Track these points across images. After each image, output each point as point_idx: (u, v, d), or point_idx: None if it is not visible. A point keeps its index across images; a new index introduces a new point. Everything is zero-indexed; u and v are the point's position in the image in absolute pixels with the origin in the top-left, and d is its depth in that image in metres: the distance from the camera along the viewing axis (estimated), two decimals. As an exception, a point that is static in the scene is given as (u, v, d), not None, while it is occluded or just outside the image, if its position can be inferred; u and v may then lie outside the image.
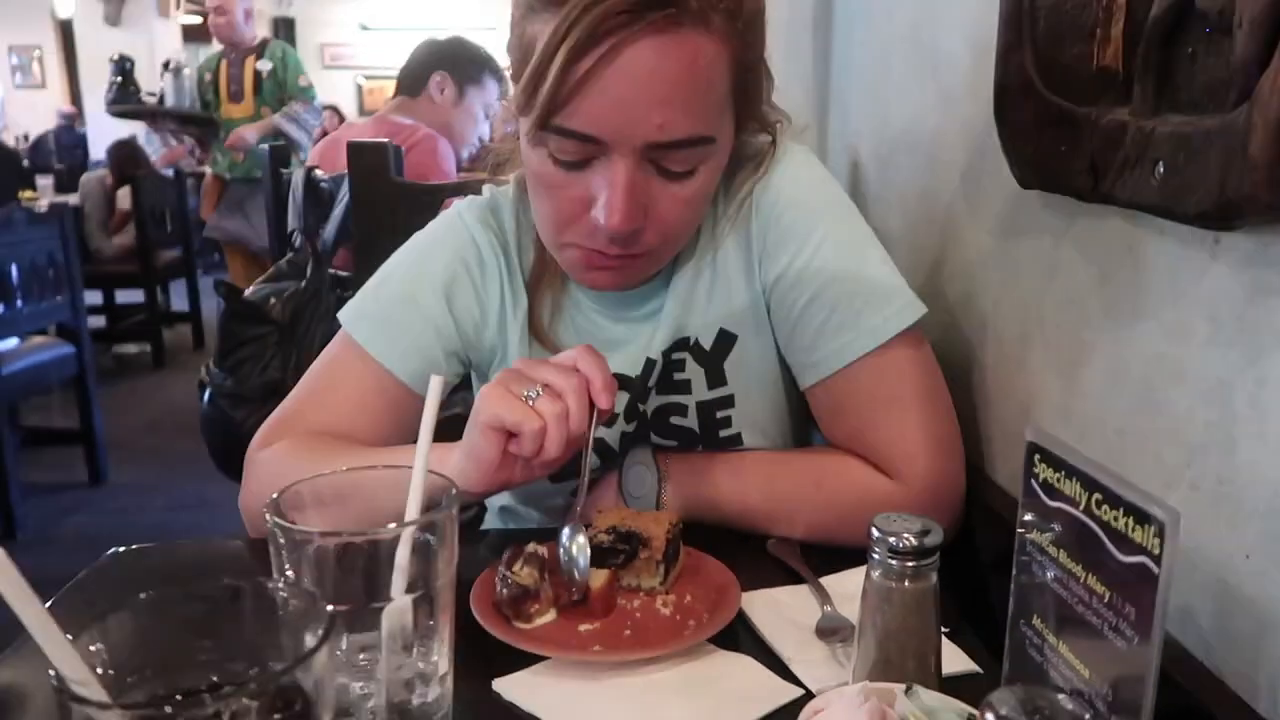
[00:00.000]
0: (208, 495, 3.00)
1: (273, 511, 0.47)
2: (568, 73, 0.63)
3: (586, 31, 0.62)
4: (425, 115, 2.11)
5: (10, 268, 2.64)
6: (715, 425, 0.83)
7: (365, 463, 0.71)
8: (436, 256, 0.84)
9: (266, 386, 1.74)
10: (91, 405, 3.04)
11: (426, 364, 0.82)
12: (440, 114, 2.12)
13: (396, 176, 1.23)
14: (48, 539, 2.70)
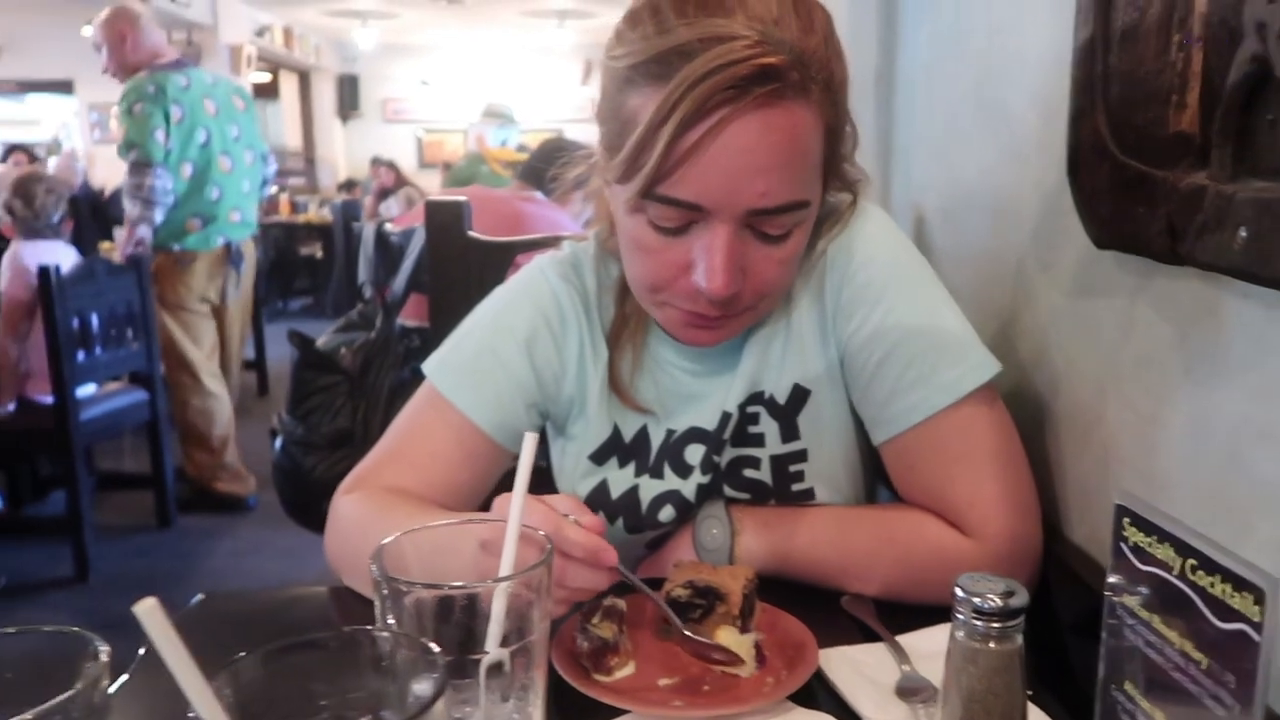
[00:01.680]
0: (270, 540, 3.06)
1: (376, 561, 0.49)
2: (674, 146, 0.65)
3: (693, 107, 0.64)
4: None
5: (91, 317, 2.75)
6: (788, 479, 0.84)
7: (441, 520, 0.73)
8: (518, 310, 0.86)
9: (337, 434, 1.79)
10: (163, 450, 3.13)
11: (506, 415, 0.85)
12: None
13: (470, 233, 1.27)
14: (118, 581, 2.77)
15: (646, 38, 0.67)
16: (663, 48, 0.65)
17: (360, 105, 11.96)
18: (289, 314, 7.92)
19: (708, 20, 0.65)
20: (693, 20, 0.65)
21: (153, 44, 3.13)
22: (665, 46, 0.65)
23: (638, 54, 0.67)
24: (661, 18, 0.66)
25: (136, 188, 2.95)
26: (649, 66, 0.66)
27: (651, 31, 0.66)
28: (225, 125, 3.15)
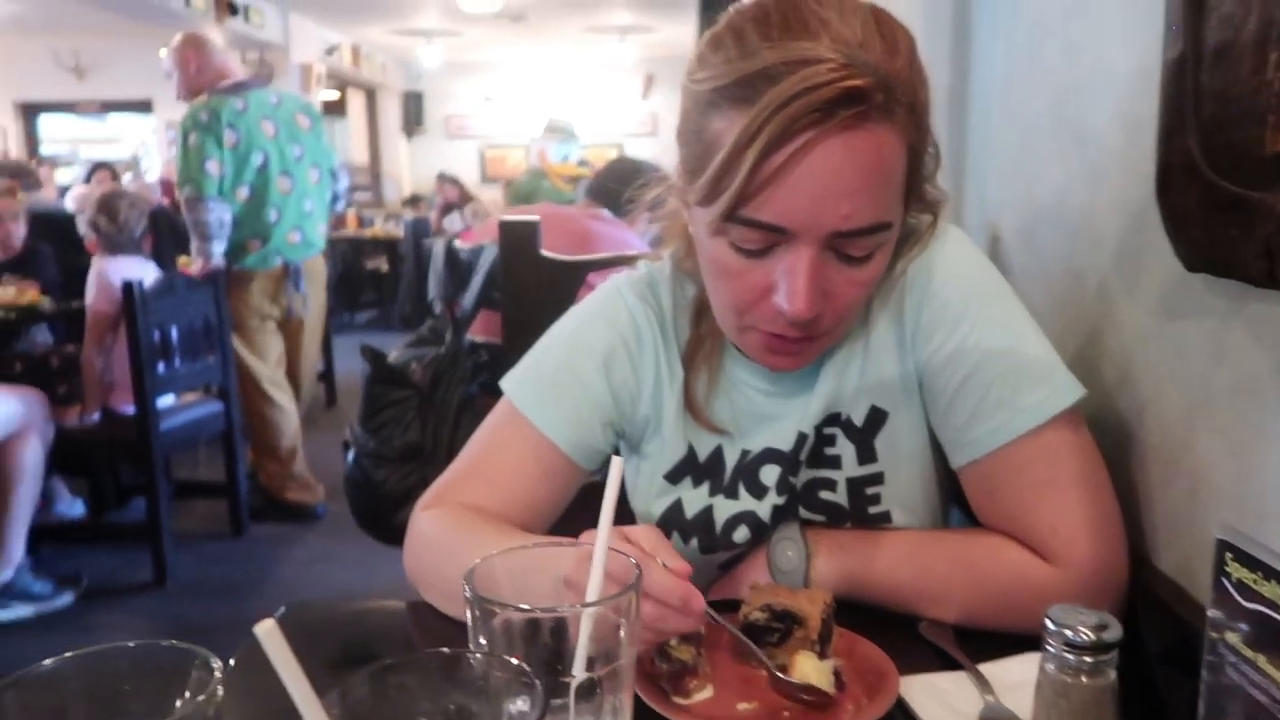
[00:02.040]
0: (339, 549, 3.12)
1: (468, 581, 0.50)
2: (758, 169, 0.65)
3: (778, 130, 0.64)
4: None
5: (171, 330, 2.84)
6: (864, 501, 0.83)
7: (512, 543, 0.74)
8: (596, 330, 0.87)
9: (407, 448, 1.82)
10: (236, 460, 3.21)
11: (583, 433, 0.86)
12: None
13: (543, 252, 1.29)
14: (194, 587, 2.85)
15: (730, 61, 0.67)
16: (747, 71, 0.65)
17: (425, 121, 12.17)
18: (355, 327, 8.08)
19: (792, 43, 0.65)
20: (777, 43, 0.65)
21: (218, 67, 3.22)
22: (749, 70, 0.65)
23: (721, 77, 0.67)
24: (745, 41, 0.67)
25: (194, 223, 3.06)
26: (733, 90, 0.66)
27: (735, 55, 0.67)
28: (286, 146, 3.23)
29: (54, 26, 9.08)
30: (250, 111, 3.13)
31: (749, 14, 0.69)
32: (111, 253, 2.91)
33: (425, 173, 11.93)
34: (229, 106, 3.09)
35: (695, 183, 0.71)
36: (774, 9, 0.68)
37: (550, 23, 9.30)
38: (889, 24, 0.69)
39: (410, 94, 12.01)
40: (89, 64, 10.19)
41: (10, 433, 2.49)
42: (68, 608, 2.67)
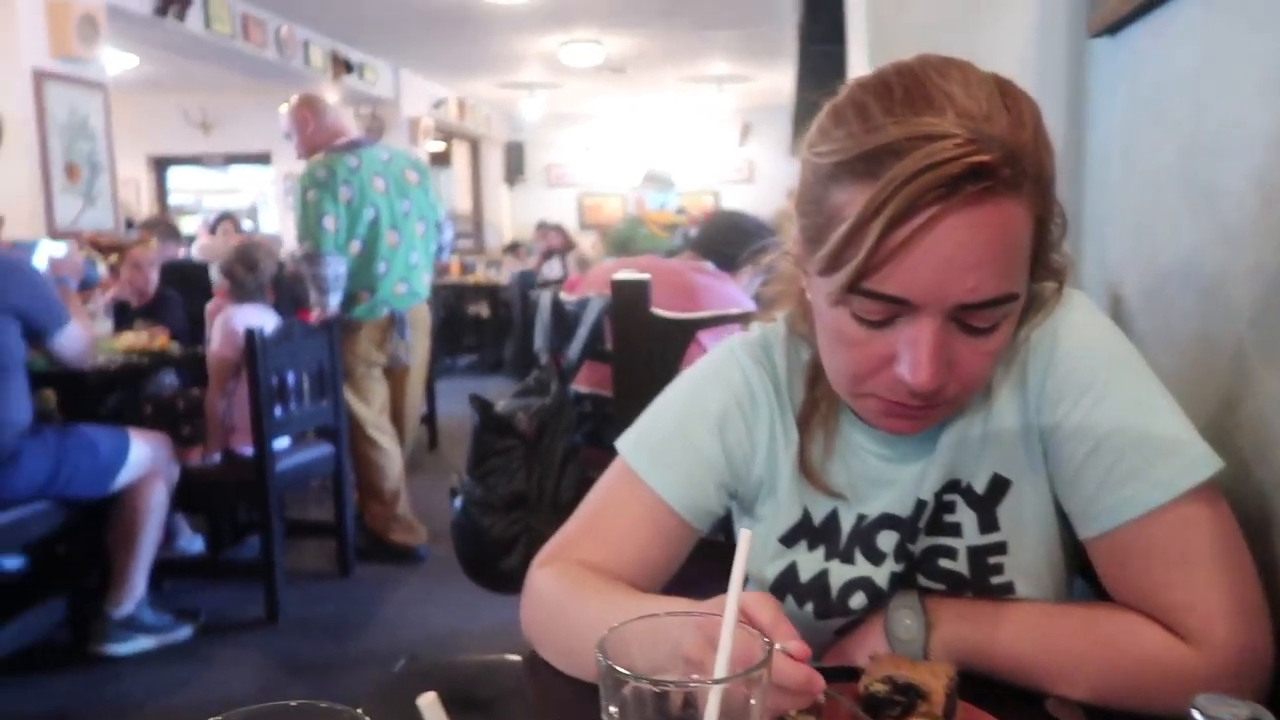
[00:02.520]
0: (440, 591, 3.18)
1: (601, 649, 0.51)
2: (882, 242, 0.66)
3: (903, 204, 0.64)
4: None
5: (288, 375, 2.97)
6: (986, 571, 0.81)
7: (627, 603, 0.75)
8: (710, 391, 0.88)
9: (513, 496, 1.86)
10: (344, 502, 3.31)
11: (697, 495, 0.86)
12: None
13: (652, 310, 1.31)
14: (303, 624, 2.93)
15: (853, 135, 0.68)
16: (870, 146, 0.66)
17: (525, 171, 12.50)
18: (457, 371, 8.27)
19: (916, 119, 0.65)
20: (900, 118, 0.66)
21: (332, 126, 3.39)
22: (873, 145, 0.66)
23: (844, 151, 0.68)
24: (868, 116, 0.68)
25: (312, 276, 3.21)
26: (856, 164, 0.67)
27: (858, 129, 0.68)
28: (395, 201, 3.37)
29: (184, 86, 9.67)
30: (363, 168, 3.28)
31: (871, 87, 0.69)
32: (240, 301, 3.06)
33: (525, 220, 12.23)
34: (344, 164, 3.24)
35: (815, 252, 0.71)
36: (896, 83, 0.68)
37: (649, 74, 9.48)
38: (1014, 95, 0.69)
39: (512, 144, 12.37)
40: (214, 120, 10.80)
41: (141, 475, 2.63)
42: (186, 641, 2.78)
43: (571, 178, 12.40)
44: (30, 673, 2.56)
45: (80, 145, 4.67)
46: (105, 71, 4.88)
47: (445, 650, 2.75)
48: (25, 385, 2.46)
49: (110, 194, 4.90)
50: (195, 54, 6.69)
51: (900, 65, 0.70)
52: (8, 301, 2.35)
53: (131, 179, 9.96)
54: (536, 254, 9.07)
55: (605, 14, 7.02)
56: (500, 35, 7.72)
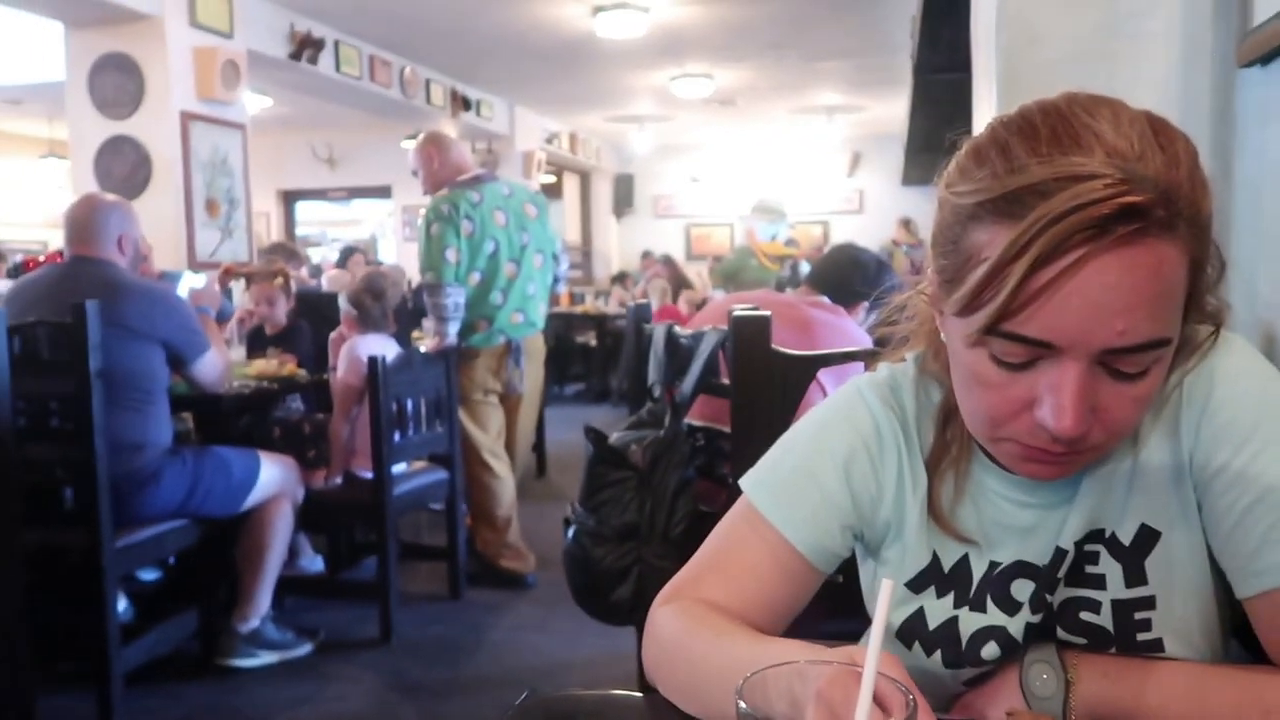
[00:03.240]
0: (548, 619, 3.21)
1: (740, 694, 0.51)
2: (1025, 284, 0.64)
3: (1049, 246, 0.62)
4: None
5: (407, 402, 3.06)
6: (1132, 628, 0.77)
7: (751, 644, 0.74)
8: (836, 432, 0.87)
9: (625, 528, 1.86)
10: (457, 526, 3.39)
11: (821, 536, 0.85)
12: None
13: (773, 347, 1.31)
14: (415, 646, 3.00)
15: (996, 175, 0.66)
16: (1015, 186, 0.64)
17: (634, 202, 12.66)
18: (564, 399, 8.39)
19: (1063, 158, 0.63)
20: (1046, 158, 0.64)
21: (456, 162, 3.51)
22: (1018, 185, 0.64)
23: (985, 191, 0.66)
24: (1011, 155, 0.66)
25: (433, 305, 3.32)
26: (998, 204, 0.65)
27: (1001, 170, 0.66)
28: (515, 234, 3.46)
29: (313, 124, 10.17)
30: (485, 203, 3.38)
31: (1014, 126, 0.68)
32: (364, 330, 3.18)
33: (633, 251, 12.38)
34: (466, 199, 3.35)
35: (953, 293, 0.70)
36: (1042, 121, 0.67)
37: (759, 105, 9.50)
38: (1167, 133, 0.66)
39: (621, 176, 12.56)
40: (340, 155, 11.32)
41: (270, 495, 2.75)
42: (306, 657, 2.87)
43: (679, 208, 12.50)
44: (164, 681, 2.69)
45: (220, 181, 4.96)
46: (245, 112, 5.18)
47: (553, 678, 2.77)
48: (167, 409, 2.61)
49: (245, 227, 5.18)
50: (325, 94, 7.04)
51: (1045, 104, 0.69)
52: (155, 330, 2.50)
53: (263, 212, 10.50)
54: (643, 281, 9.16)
55: (717, 47, 7.09)
56: (613, 70, 7.87)
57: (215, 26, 4.92)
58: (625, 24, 6.05)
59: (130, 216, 2.66)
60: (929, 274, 0.76)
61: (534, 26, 6.44)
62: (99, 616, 2.37)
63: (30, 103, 8.88)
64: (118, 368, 2.40)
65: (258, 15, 5.44)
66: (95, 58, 4.73)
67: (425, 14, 6.10)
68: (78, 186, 4.74)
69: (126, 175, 4.70)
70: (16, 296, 2.58)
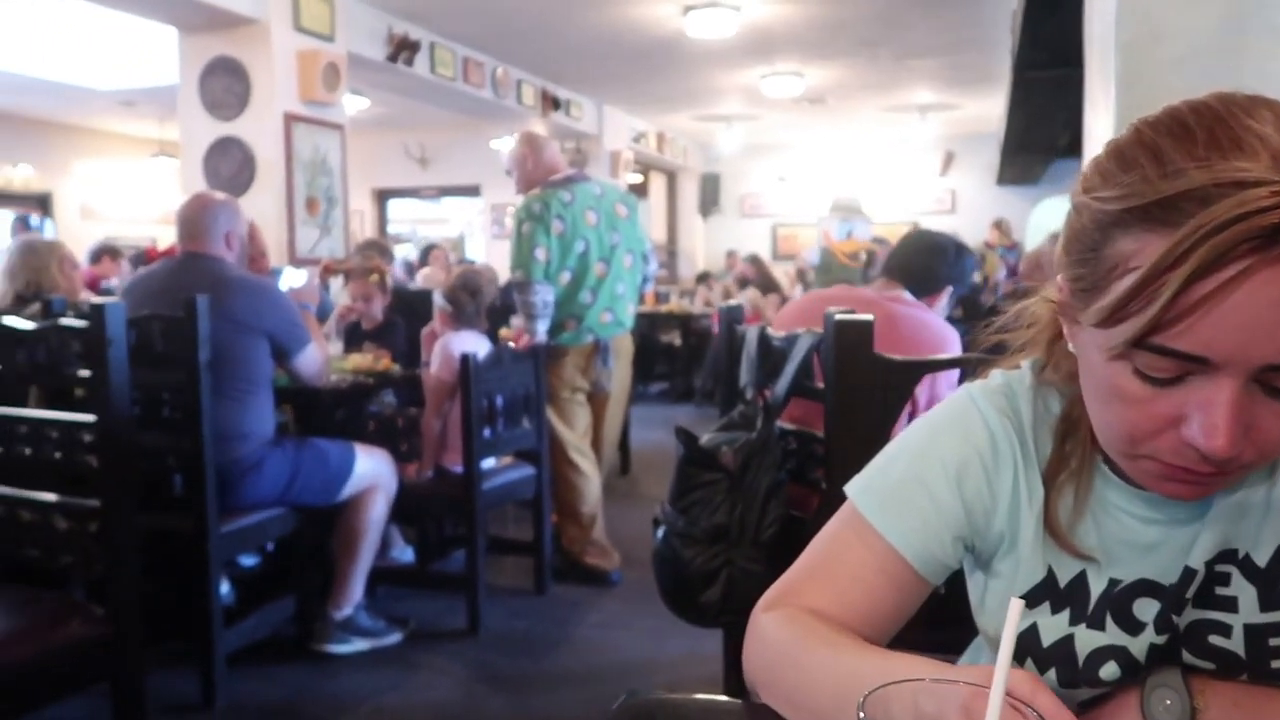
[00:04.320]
0: (633, 617, 3.22)
1: (863, 709, 0.50)
2: (1181, 296, 0.61)
3: (1210, 256, 0.59)
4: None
5: (497, 398, 3.11)
6: (1267, 655, 0.74)
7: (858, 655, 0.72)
8: (948, 439, 0.85)
9: (714, 530, 1.86)
10: (543, 522, 3.42)
11: (931, 545, 0.83)
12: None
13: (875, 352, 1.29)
14: (501, 639, 3.04)
15: (1147, 180, 0.63)
16: (1170, 192, 0.61)
17: (721, 201, 12.62)
18: (648, 398, 8.41)
19: (1225, 164, 0.60)
20: (1204, 163, 0.60)
21: (549, 162, 3.55)
22: (1173, 191, 0.61)
23: (1135, 196, 0.63)
24: (1163, 159, 0.62)
25: (522, 304, 3.36)
26: (1150, 210, 0.62)
27: (1153, 174, 0.62)
28: (605, 234, 3.48)
29: (407, 124, 10.41)
30: (576, 203, 3.41)
31: (1163, 128, 0.64)
32: (458, 328, 3.24)
33: (718, 250, 12.34)
34: (558, 199, 3.38)
35: (1092, 303, 0.67)
36: (1197, 124, 0.63)
37: (849, 104, 9.37)
38: None
39: (708, 175, 12.53)
40: (431, 155, 11.56)
41: (365, 487, 2.82)
42: (396, 645, 2.94)
43: (766, 208, 12.42)
44: (263, 663, 2.79)
45: (320, 180, 5.12)
46: (344, 113, 5.33)
47: (638, 676, 2.78)
48: (271, 400, 2.70)
49: (342, 225, 5.33)
50: (419, 95, 7.20)
51: (1196, 104, 0.65)
52: (261, 323, 2.60)
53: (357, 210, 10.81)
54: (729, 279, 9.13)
55: (808, 45, 7.01)
56: (702, 70, 7.86)
57: (318, 30, 5.07)
58: (716, 23, 6.03)
59: (236, 213, 2.77)
60: (1058, 281, 0.73)
61: (625, 26, 6.47)
62: (204, 599, 2.46)
63: (143, 105, 9.30)
64: (225, 360, 2.49)
65: (358, 19, 5.60)
66: (205, 61, 4.93)
67: (518, 16, 6.19)
68: (187, 185, 4.95)
69: (233, 174, 4.89)
70: (133, 290, 2.70)
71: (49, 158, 10.64)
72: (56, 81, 8.13)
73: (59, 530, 1.92)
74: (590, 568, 3.57)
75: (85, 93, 8.56)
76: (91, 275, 5.83)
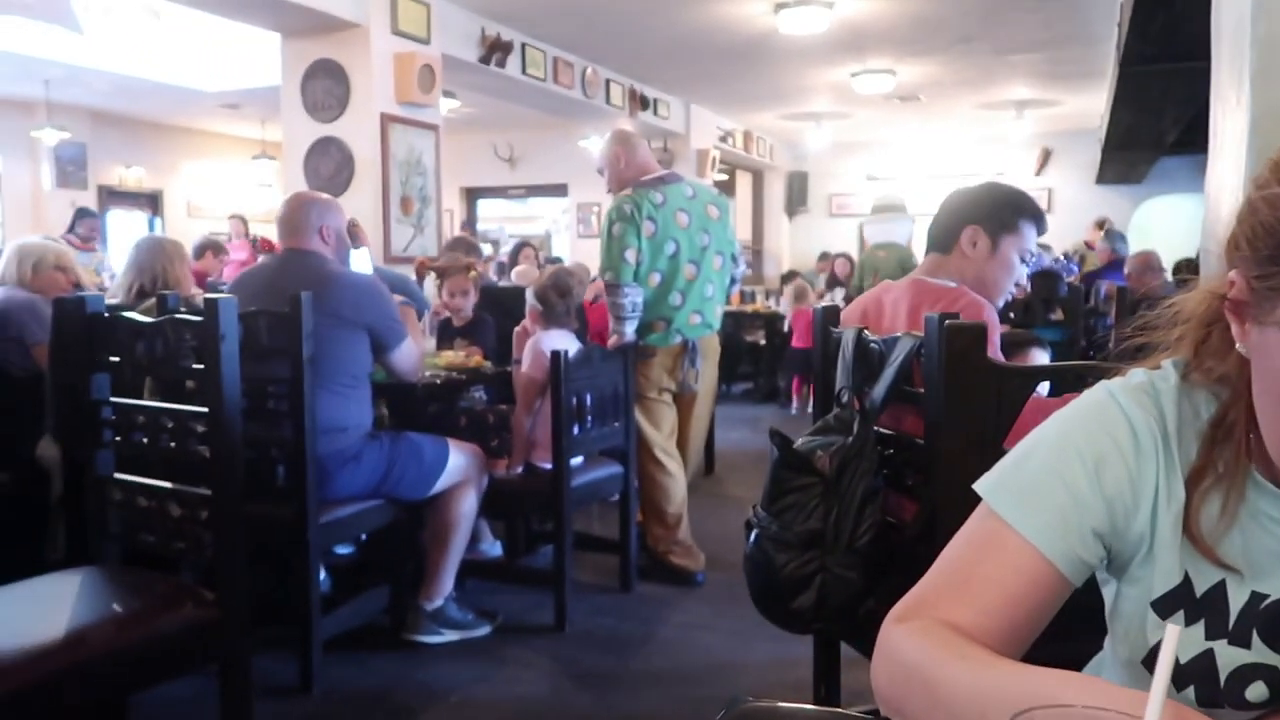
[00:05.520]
0: (718, 618, 3.21)
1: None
2: None
3: None
4: (958, 271, 2.10)
5: (586, 397, 3.13)
6: None
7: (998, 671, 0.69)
8: (1087, 433, 0.81)
9: (808, 535, 1.83)
10: (629, 520, 3.43)
11: (1072, 542, 0.79)
12: (973, 267, 2.10)
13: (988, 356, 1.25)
14: (587, 635, 3.06)
15: None
16: None
17: (808, 200, 12.49)
18: (732, 398, 8.37)
19: None
20: None
21: (641, 162, 3.55)
22: None
23: None
24: None
25: (612, 305, 3.37)
26: None
27: None
28: (695, 235, 3.46)
29: (496, 124, 10.57)
30: (668, 204, 3.41)
31: None
32: (548, 327, 3.28)
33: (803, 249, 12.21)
34: (649, 199, 3.38)
35: None
36: None
37: (942, 101, 9.17)
38: None
39: (795, 174, 12.41)
40: (519, 155, 11.71)
41: (457, 481, 2.87)
42: (484, 638, 2.98)
43: (854, 207, 12.23)
44: (357, 651, 2.86)
45: (414, 180, 5.23)
46: (438, 114, 5.44)
47: (724, 678, 2.76)
48: (369, 394, 2.77)
49: (435, 223, 5.44)
50: (510, 95, 7.30)
51: None
52: (361, 318, 2.66)
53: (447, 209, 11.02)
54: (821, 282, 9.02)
55: (902, 41, 6.88)
56: (792, 68, 7.78)
57: (414, 33, 5.19)
58: (808, 20, 5.96)
59: (329, 208, 2.84)
60: (1229, 278, 0.70)
61: (715, 25, 6.44)
62: (303, 586, 2.54)
63: (246, 107, 9.66)
64: (327, 354, 2.56)
65: (452, 21, 5.70)
66: (307, 64, 5.09)
67: (608, 16, 6.22)
68: (289, 186, 5.12)
69: (332, 174, 5.04)
70: (240, 287, 2.80)
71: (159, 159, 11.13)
72: (168, 84, 8.49)
73: (172, 517, 2.00)
74: (675, 568, 3.57)
75: (194, 94, 8.92)
76: (196, 271, 6.07)
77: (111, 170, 10.59)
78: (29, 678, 1.53)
